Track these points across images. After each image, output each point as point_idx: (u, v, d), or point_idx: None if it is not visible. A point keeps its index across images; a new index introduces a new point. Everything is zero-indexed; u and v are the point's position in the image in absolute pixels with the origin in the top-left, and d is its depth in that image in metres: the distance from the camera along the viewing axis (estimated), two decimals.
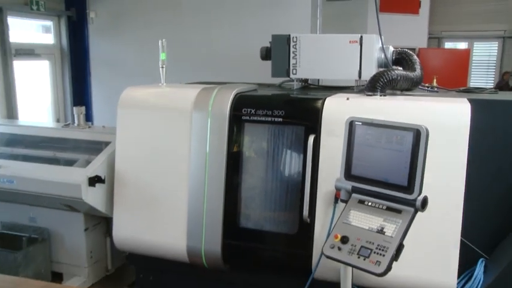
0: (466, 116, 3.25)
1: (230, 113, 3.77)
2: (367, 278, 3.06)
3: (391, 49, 4.49)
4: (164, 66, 4.32)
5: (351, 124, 2.97)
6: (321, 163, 3.50)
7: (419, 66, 4.34)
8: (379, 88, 3.76)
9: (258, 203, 3.77)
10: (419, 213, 2.80)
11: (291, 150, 3.69)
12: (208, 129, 3.79)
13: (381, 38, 4.35)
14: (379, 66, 4.35)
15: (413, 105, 3.54)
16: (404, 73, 4.02)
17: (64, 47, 8.13)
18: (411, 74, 4.13)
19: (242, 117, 3.77)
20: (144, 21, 7.73)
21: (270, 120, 3.68)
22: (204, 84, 4.43)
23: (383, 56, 4.36)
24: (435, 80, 4.75)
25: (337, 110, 3.50)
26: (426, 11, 11.36)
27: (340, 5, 7.50)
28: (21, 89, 7.34)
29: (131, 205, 4.07)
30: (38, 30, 8.18)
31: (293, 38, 4.34)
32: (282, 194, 3.68)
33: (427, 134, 2.70)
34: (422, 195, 2.75)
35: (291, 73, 4.40)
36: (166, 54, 4.31)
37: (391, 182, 2.82)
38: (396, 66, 4.41)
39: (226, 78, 5.36)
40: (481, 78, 15.23)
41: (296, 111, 3.75)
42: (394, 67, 4.33)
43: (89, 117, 7.83)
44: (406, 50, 4.58)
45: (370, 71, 4.12)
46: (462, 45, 15.44)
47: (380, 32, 4.30)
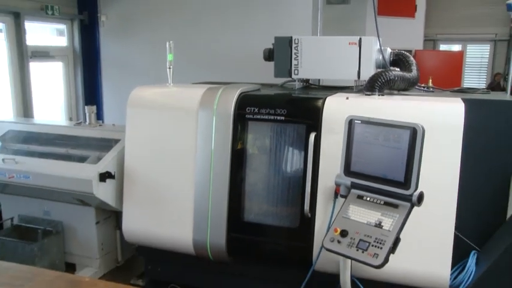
0: (460, 115, 3.24)
1: (234, 111, 3.76)
2: (366, 270, 3.05)
3: (389, 51, 4.49)
4: (171, 67, 4.31)
5: (350, 122, 2.97)
6: (321, 160, 3.49)
7: (415, 67, 4.33)
8: (378, 88, 3.75)
9: (261, 198, 3.76)
10: (415, 208, 2.79)
11: (293, 147, 3.67)
12: (214, 128, 3.78)
13: (379, 40, 4.35)
14: (377, 67, 4.34)
15: (410, 104, 3.52)
16: (401, 74, 4.02)
17: (77, 49, 8.14)
18: (408, 74, 4.13)
19: (246, 116, 3.75)
20: (152, 24, 7.72)
21: (273, 118, 3.67)
22: (209, 84, 4.42)
23: (381, 58, 4.35)
24: (430, 81, 4.75)
25: (337, 109, 3.49)
26: (422, 15, 11.34)
27: (339, 8, 7.49)
28: (37, 89, 7.35)
29: (140, 200, 4.06)
30: (53, 34, 8.18)
31: (295, 40, 4.33)
32: (284, 190, 3.67)
33: (423, 132, 2.70)
34: (418, 191, 2.75)
35: (293, 73, 4.40)
36: (174, 56, 4.30)
37: (389, 178, 2.82)
38: (393, 67, 4.41)
39: (231, 78, 5.35)
40: (474, 79, 15.26)
41: (298, 110, 3.73)
42: (392, 68, 4.32)
43: (99, 115, 7.83)
44: (403, 51, 4.57)
45: (368, 72, 4.12)
46: (456, 48, 15.48)
47: (378, 35, 4.28)
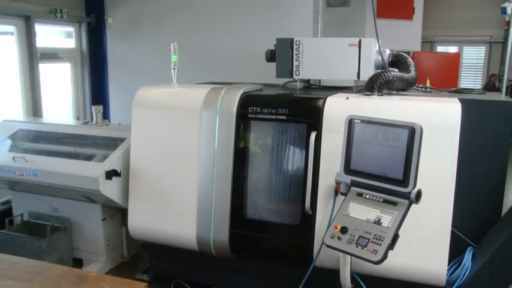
0: (457, 115, 3.24)
1: (237, 111, 3.75)
2: (365, 265, 3.04)
3: (388, 52, 4.48)
4: (176, 68, 4.30)
5: (350, 122, 2.96)
6: (322, 158, 3.48)
7: (413, 68, 4.32)
8: (377, 88, 3.73)
9: (263, 195, 3.74)
10: (413, 205, 2.79)
11: (294, 146, 3.65)
12: (217, 127, 3.76)
13: (378, 41, 4.34)
14: (377, 68, 4.34)
15: (408, 104, 3.51)
16: (400, 74, 4.00)
17: (84, 51, 8.13)
18: (406, 75, 4.12)
19: (248, 115, 3.74)
20: (157, 26, 7.72)
21: (275, 118, 3.66)
22: (212, 84, 4.41)
23: (380, 59, 4.34)
24: (428, 81, 4.74)
25: (337, 108, 3.48)
26: (420, 17, 11.32)
27: (340, 11, 7.47)
28: (46, 89, 7.35)
29: (145, 197, 4.05)
30: (61, 36, 8.18)
31: (296, 41, 4.32)
32: (285, 188, 3.65)
33: (421, 131, 2.70)
34: (417, 189, 2.75)
35: (294, 74, 4.39)
36: (178, 57, 4.29)
37: (388, 176, 2.82)
38: (392, 68, 4.40)
39: (234, 78, 5.33)
40: (470, 79, 15.26)
41: (299, 110, 3.71)
42: (391, 69, 4.31)
43: (106, 115, 7.82)
44: (402, 53, 4.55)
45: (368, 72, 4.11)
46: (453, 49, 15.49)
47: (377, 36, 4.28)
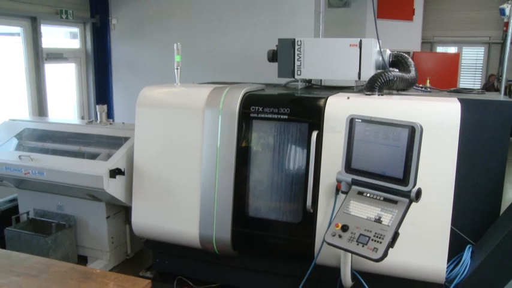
0: (456, 114, 3.22)
1: (239, 110, 3.74)
2: (365, 263, 3.04)
3: (388, 52, 4.48)
4: (179, 68, 4.30)
5: (351, 121, 2.96)
6: (323, 157, 3.47)
7: (413, 68, 4.31)
8: (377, 88, 3.73)
9: (265, 194, 3.74)
10: (413, 203, 2.78)
11: (296, 145, 3.65)
12: (219, 126, 3.76)
13: (378, 42, 4.33)
14: (377, 68, 4.33)
15: (408, 104, 3.49)
16: (400, 74, 3.99)
17: (89, 51, 8.15)
18: (406, 75, 4.11)
19: (250, 115, 3.74)
20: (160, 27, 7.73)
21: (276, 117, 3.65)
22: (215, 84, 4.41)
23: (380, 59, 4.33)
24: (428, 81, 4.73)
25: (339, 108, 3.47)
26: (420, 18, 11.31)
27: (341, 11, 7.46)
28: (51, 89, 7.37)
29: (148, 195, 4.05)
30: (66, 36, 8.19)
31: (298, 41, 4.32)
32: (287, 186, 3.65)
33: (421, 130, 2.70)
34: (417, 187, 2.74)
35: (296, 74, 4.40)
36: (181, 57, 4.29)
37: (388, 175, 2.81)
38: (393, 68, 4.40)
39: (236, 78, 5.34)
40: (469, 79, 15.22)
41: (300, 109, 3.71)
42: (391, 69, 4.31)
43: (110, 114, 7.83)
44: (402, 53, 4.55)
45: (368, 72, 4.11)
46: (452, 50, 15.46)
47: (378, 37, 4.27)
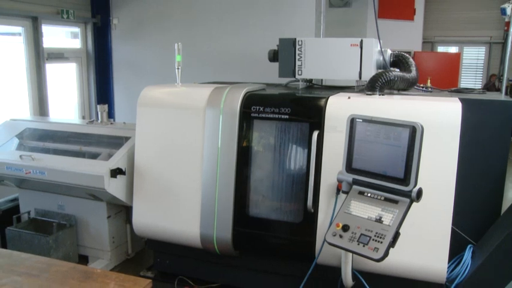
0: (457, 114, 3.22)
1: (240, 110, 3.74)
2: (366, 263, 3.04)
3: (389, 52, 4.48)
4: (180, 68, 4.29)
5: (352, 121, 2.95)
6: (324, 157, 3.46)
7: (414, 68, 4.31)
8: (378, 88, 3.72)
9: (266, 193, 3.73)
10: (414, 203, 2.78)
11: (297, 145, 3.64)
12: (220, 126, 3.76)
13: (379, 41, 4.33)
14: (378, 68, 4.33)
15: (409, 103, 3.49)
16: (401, 74, 3.99)
17: (90, 51, 8.15)
18: (407, 75, 4.10)
19: (251, 115, 3.73)
20: (161, 27, 7.73)
21: (277, 117, 3.65)
22: (216, 84, 4.40)
23: (381, 59, 4.33)
24: (429, 81, 4.72)
25: (339, 108, 3.46)
26: (421, 18, 11.28)
27: (341, 11, 7.45)
28: (52, 89, 7.37)
29: (149, 195, 4.05)
30: (67, 36, 8.20)
31: (299, 41, 4.32)
32: (288, 186, 3.64)
33: (422, 130, 2.70)
34: (417, 187, 2.74)
35: (297, 74, 4.39)
36: (182, 57, 4.29)
37: (389, 174, 2.81)
38: (393, 68, 4.39)
39: (237, 78, 5.34)
40: (470, 79, 15.22)
41: (301, 109, 3.70)
42: (392, 69, 4.30)
43: (111, 114, 7.85)
44: (403, 53, 4.55)
45: (369, 72, 4.11)
46: (453, 49, 15.45)
47: (378, 36, 4.27)
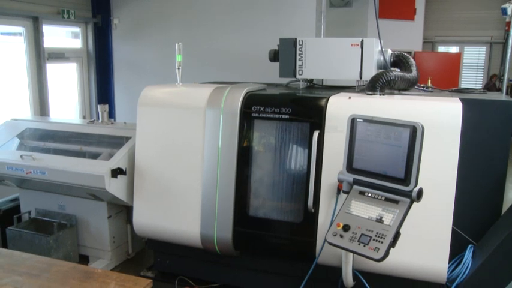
0: (458, 114, 3.21)
1: (241, 110, 3.74)
2: (367, 263, 3.03)
3: (390, 52, 4.48)
4: (180, 68, 4.29)
5: (353, 121, 2.96)
6: (324, 157, 3.46)
7: (415, 68, 4.31)
8: (379, 88, 3.72)
9: (266, 193, 3.73)
10: (415, 203, 2.78)
11: (297, 145, 3.64)
12: (221, 126, 3.76)
13: (380, 41, 4.33)
14: (379, 68, 4.33)
15: (410, 103, 3.49)
16: (401, 74, 3.99)
17: (90, 51, 8.16)
18: (408, 75, 4.10)
19: (252, 114, 3.73)
20: (161, 27, 7.73)
21: (278, 117, 3.65)
22: (216, 84, 4.40)
23: (382, 58, 4.33)
24: (430, 81, 4.72)
25: (340, 108, 3.46)
26: (421, 18, 11.29)
27: (342, 11, 7.45)
28: (53, 89, 7.38)
29: (150, 195, 4.05)
30: (68, 36, 8.20)
31: (299, 41, 4.32)
32: (288, 186, 3.64)
33: (423, 130, 2.70)
34: (418, 187, 2.74)
35: (297, 74, 4.39)
36: (183, 57, 4.29)
37: (389, 174, 2.81)
38: (394, 67, 4.40)
39: (237, 78, 5.34)
40: (471, 79, 15.20)
41: (302, 109, 3.70)
42: (392, 68, 4.30)
43: (111, 114, 7.84)
44: (403, 53, 4.55)
45: (370, 72, 4.10)
46: (454, 49, 15.44)
47: (379, 36, 4.27)
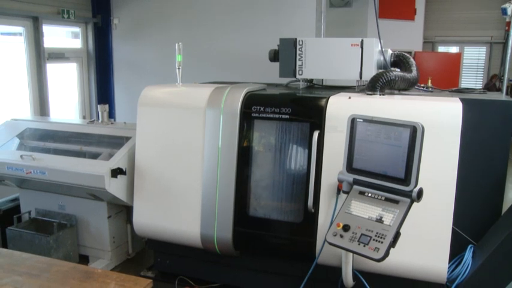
0: (458, 114, 3.21)
1: (241, 110, 3.74)
2: (367, 263, 3.04)
3: (390, 52, 4.48)
4: (180, 68, 4.29)
5: (353, 121, 2.96)
6: (324, 157, 3.46)
7: (415, 68, 4.31)
8: (379, 88, 3.72)
9: (266, 193, 3.73)
10: (415, 203, 2.78)
11: (297, 145, 3.64)
12: (221, 126, 3.76)
13: (380, 41, 4.33)
14: (379, 68, 4.33)
15: (410, 103, 3.49)
16: (401, 74, 3.98)
17: (90, 51, 8.15)
18: (408, 75, 4.10)
19: (252, 114, 3.73)
20: (162, 27, 7.73)
21: (278, 117, 3.65)
22: (216, 84, 4.40)
23: (382, 58, 4.33)
24: (430, 81, 4.72)
25: (340, 108, 3.46)
26: (421, 18, 11.29)
27: (342, 11, 7.45)
28: (53, 89, 7.38)
29: (150, 195, 4.05)
30: (68, 36, 8.20)
31: (299, 41, 4.32)
32: (288, 186, 3.64)
33: (423, 130, 2.70)
34: (418, 187, 2.74)
35: (297, 74, 4.39)
36: (183, 57, 4.29)
37: (389, 174, 2.81)
38: (394, 67, 4.39)
39: (237, 78, 5.34)
40: (471, 79, 15.18)
41: (302, 109, 3.70)
42: (393, 68, 4.30)
43: (111, 114, 7.83)
44: (403, 53, 4.55)
45: (370, 72, 4.10)
46: (454, 49, 15.41)
47: (379, 36, 4.27)
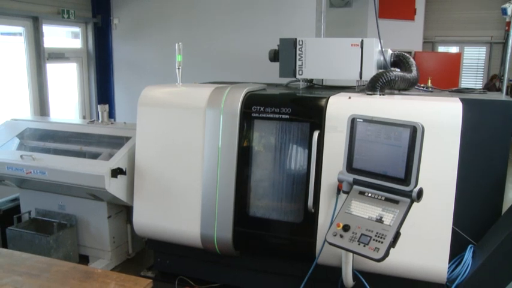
0: (458, 114, 3.21)
1: (241, 110, 3.74)
2: (367, 263, 3.04)
3: (390, 52, 4.48)
4: (180, 68, 4.29)
5: (353, 121, 2.96)
6: (324, 157, 3.46)
7: (415, 68, 4.31)
8: (379, 88, 3.72)
9: (266, 193, 3.73)
10: (415, 203, 2.78)
11: (297, 145, 3.64)
12: (221, 126, 3.76)
13: (380, 41, 4.33)
14: (379, 68, 4.33)
15: (410, 103, 3.49)
16: (401, 74, 3.98)
17: (90, 51, 8.15)
18: (408, 75, 4.10)
19: (252, 114, 3.73)
20: (162, 27, 7.73)
21: (278, 117, 3.65)
22: (216, 84, 4.40)
23: (382, 58, 4.33)
24: (430, 81, 4.72)
25: (340, 108, 3.46)
26: (421, 18, 11.28)
27: (342, 11, 7.45)
28: (53, 89, 7.38)
29: (150, 195, 4.05)
30: (68, 36, 8.20)
31: (299, 41, 4.32)
32: (288, 186, 3.64)
33: (423, 130, 2.70)
34: (418, 187, 2.74)
35: (297, 74, 4.39)
36: (183, 57, 4.29)
37: (389, 174, 2.81)
38: (394, 67, 4.39)
39: (237, 78, 5.34)
40: (471, 79, 15.18)
41: (302, 109, 3.70)
42: (392, 68, 4.30)
43: (111, 114, 7.83)
44: (403, 53, 4.55)
45: (370, 72, 4.10)
46: (454, 49, 15.42)
47: (379, 36, 4.27)
